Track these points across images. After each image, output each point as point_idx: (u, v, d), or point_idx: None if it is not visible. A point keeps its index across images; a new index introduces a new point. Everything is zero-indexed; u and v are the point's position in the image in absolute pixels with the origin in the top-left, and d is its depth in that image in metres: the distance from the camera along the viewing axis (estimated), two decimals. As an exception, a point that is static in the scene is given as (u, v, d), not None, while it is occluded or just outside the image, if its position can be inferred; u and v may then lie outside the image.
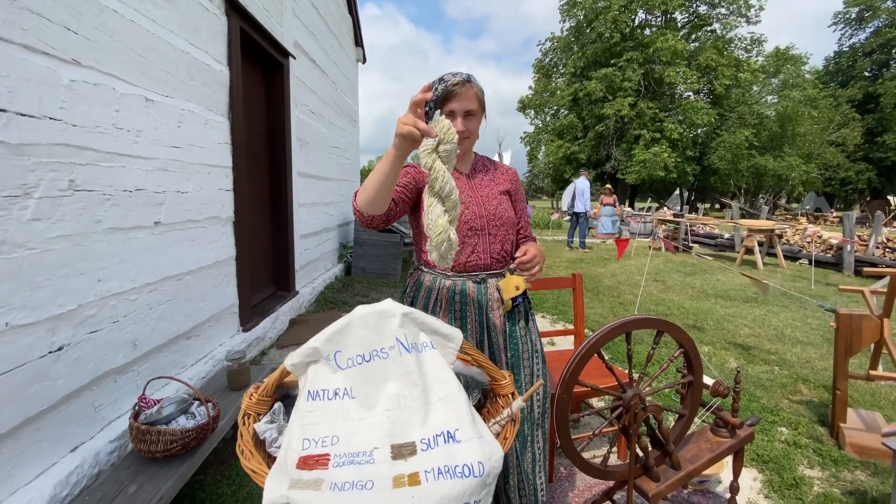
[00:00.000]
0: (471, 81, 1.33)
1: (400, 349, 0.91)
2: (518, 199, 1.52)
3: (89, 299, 1.74)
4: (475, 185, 1.44)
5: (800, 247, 8.62)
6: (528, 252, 1.33)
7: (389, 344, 0.91)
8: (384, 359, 0.90)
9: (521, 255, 1.34)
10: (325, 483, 0.74)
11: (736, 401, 1.62)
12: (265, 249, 3.84)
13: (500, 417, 0.91)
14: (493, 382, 1.02)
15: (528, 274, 1.35)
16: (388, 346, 0.91)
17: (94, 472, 1.67)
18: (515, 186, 1.52)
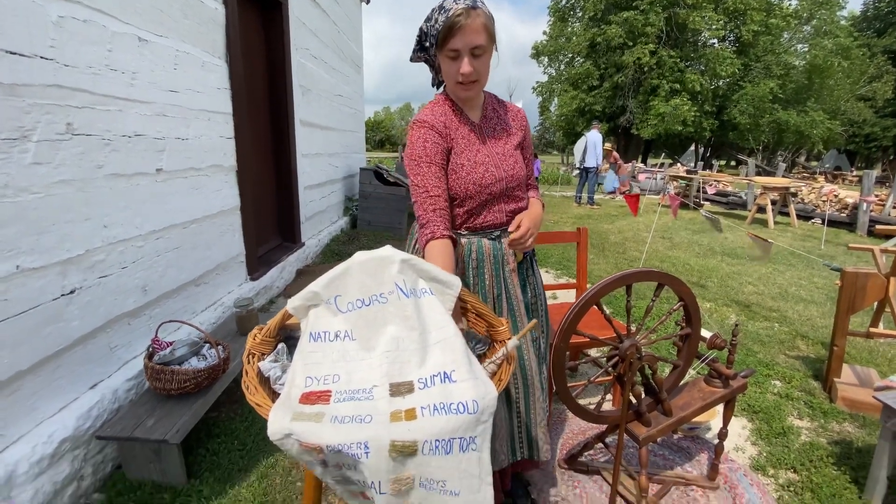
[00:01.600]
0: (477, 8, 1.16)
1: (399, 294, 0.92)
2: (527, 146, 1.47)
3: (97, 245, 1.76)
4: (490, 142, 1.37)
5: (814, 206, 8.44)
6: (522, 225, 1.31)
7: (388, 289, 0.92)
8: (383, 303, 0.92)
9: (514, 228, 1.32)
10: (326, 416, 0.77)
11: (732, 353, 1.65)
12: (270, 200, 3.83)
13: (495, 357, 0.94)
14: (491, 328, 1.04)
15: (522, 248, 1.33)
16: (387, 291, 0.92)
17: (114, 407, 1.77)
18: (525, 132, 1.46)
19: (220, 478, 1.73)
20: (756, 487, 1.77)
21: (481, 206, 1.33)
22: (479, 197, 1.31)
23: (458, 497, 0.77)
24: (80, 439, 1.58)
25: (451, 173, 1.31)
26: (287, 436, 0.75)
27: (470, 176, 1.30)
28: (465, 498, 0.77)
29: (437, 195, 1.28)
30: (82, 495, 1.60)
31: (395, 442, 0.73)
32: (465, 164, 1.30)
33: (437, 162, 1.29)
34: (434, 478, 0.76)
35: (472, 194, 1.31)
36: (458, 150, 1.31)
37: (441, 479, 0.76)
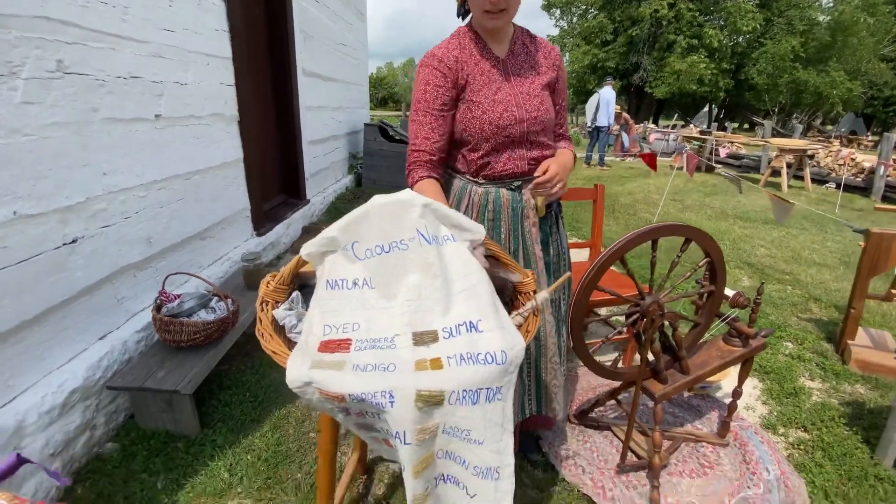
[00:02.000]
0: None
1: (420, 240, 0.85)
2: (559, 90, 1.35)
3: (97, 193, 1.69)
4: (514, 79, 1.25)
5: (829, 169, 8.21)
6: (549, 170, 1.23)
7: (409, 235, 0.86)
8: (404, 250, 0.86)
9: (540, 172, 1.23)
10: (348, 364, 0.73)
11: (755, 312, 1.60)
12: (273, 155, 3.71)
13: (523, 309, 0.89)
14: (517, 280, 0.98)
15: (548, 194, 1.25)
16: (407, 237, 0.86)
17: (125, 358, 1.76)
18: (559, 73, 1.33)
19: (233, 428, 1.74)
20: (766, 445, 1.77)
21: (499, 151, 1.23)
22: (495, 139, 1.21)
23: (481, 446, 0.74)
24: (90, 389, 1.58)
25: (465, 112, 1.21)
26: (307, 384, 0.71)
27: (486, 115, 1.20)
28: (488, 447, 0.74)
29: (422, 149, 1.24)
30: (95, 444, 1.61)
31: (421, 391, 0.69)
32: (481, 102, 1.20)
33: (434, 110, 1.20)
34: (459, 426, 0.73)
35: (489, 136, 1.21)
36: (476, 86, 1.20)
37: (466, 429, 0.73)
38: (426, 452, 0.72)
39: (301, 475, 1.56)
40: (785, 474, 1.64)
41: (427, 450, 0.72)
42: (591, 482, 1.58)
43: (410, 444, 0.70)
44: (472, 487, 0.75)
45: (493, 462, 0.74)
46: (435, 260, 0.84)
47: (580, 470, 1.63)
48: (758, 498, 1.56)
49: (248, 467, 1.58)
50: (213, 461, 1.59)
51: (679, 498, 1.55)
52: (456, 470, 0.76)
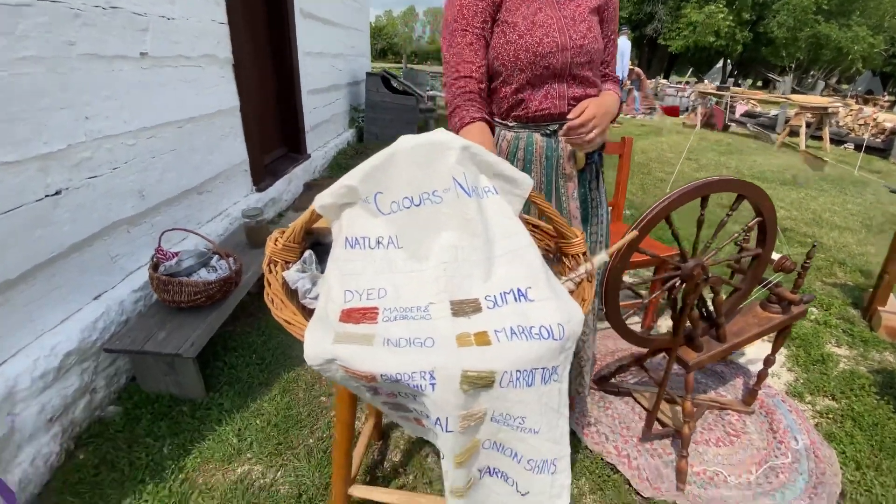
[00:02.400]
0: None
1: (457, 191, 0.71)
2: (609, 18, 1.15)
3: (80, 139, 1.53)
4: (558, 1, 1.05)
5: (848, 129, 7.90)
6: (586, 111, 1.04)
7: (444, 185, 0.71)
8: (437, 203, 0.72)
9: (576, 114, 1.05)
10: (377, 338, 0.61)
11: (801, 277, 1.48)
12: (272, 105, 3.48)
13: (575, 274, 0.76)
14: (562, 240, 0.84)
15: (581, 141, 1.08)
16: (442, 187, 0.72)
17: (122, 319, 1.65)
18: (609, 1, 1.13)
19: (240, 391, 1.67)
20: (795, 413, 1.71)
21: (535, 87, 1.06)
22: (532, 70, 1.03)
23: (537, 435, 0.63)
24: (87, 352, 1.48)
25: (498, 35, 1.03)
26: (329, 361, 0.59)
27: (523, 40, 1.01)
28: (544, 436, 0.64)
29: (468, 75, 1.05)
30: (97, 408, 1.53)
31: (467, 371, 0.58)
32: (517, 24, 1.01)
33: (473, 27, 1.02)
34: (511, 413, 0.62)
35: (524, 65, 1.03)
36: (512, 5, 1.02)
37: (520, 416, 0.62)
38: (471, 441, 0.62)
39: (313, 440, 1.50)
40: (815, 444, 1.58)
41: (472, 438, 0.62)
42: (615, 450, 1.52)
43: (453, 431, 0.59)
44: (523, 483, 0.66)
45: (550, 454, 0.64)
46: (475, 215, 0.71)
47: (603, 438, 1.57)
48: (785, 467, 1.51)
49: (257, 432, 1.51)
50: (221, 426, 1.52)
51: (705, 467, 1.49)
52: (505, 463, 0.66)
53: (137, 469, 1.36)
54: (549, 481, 0.66)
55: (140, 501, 1.28)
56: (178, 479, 1.34)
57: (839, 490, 1.41)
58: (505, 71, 1.04)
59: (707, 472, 1.48)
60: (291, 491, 1.32)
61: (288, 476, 1.37)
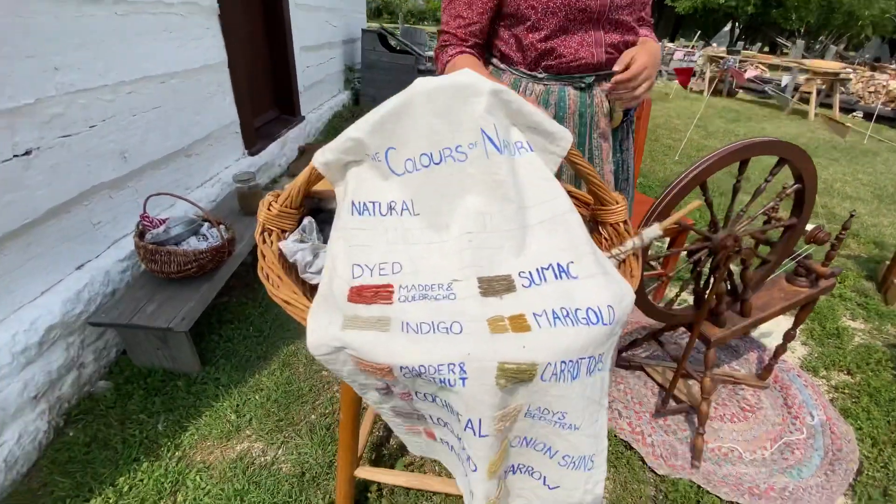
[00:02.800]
0: None
1: (486, 147, 0.60)
2: None
3: (49, 93, 1.38)
4: None
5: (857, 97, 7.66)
6: (635, 62, 0.92)
7: (470, 139, 0.60)
8: (461, 162, 0.60)
9: (622, 66, 0.93)
10: (394, 322, 0.51)
11: (835, 249, 1.39)
12: (263, 62, 3.26)
13: (622, 248, 0.66)
14: (600, 207, 0.74)
15: (630, 97, 0.96)
16: (467, 141, 0.60)
17: (108, 290, 1.55)
18: None
19: (237, 365, 1.60)
20: (810, 389, 1.66)
21: (569, 33, 0.92)
22: (566, 13, 0.90)
23: (577, 431, 0.55)
24: (71, 325, 1.39)
25: None
26: (338, 350, 0.49)
27: None
28: (585, 431, 0.55)
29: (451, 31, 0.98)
30: (86, 383, 1.46)
31: (505, 364, 0.48)
32: None
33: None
34: (551, 408, 0.53)
35: (557, 7, 0.89)
36: None
37: (560, 411, 0.53)
38: (503, 444, 0.53)
39: (315, 417, 1.43)
40: (830, 420, 1.54)
41: (504, 439, 0.53)
42: (629, 427, 1.47)
43: (488, 435, 0.50)
44: (553, 477, 0.58)
45: (589, 449, 0.56)
46: (507, 176, 0.59)
47: (616, 414, 1.52)
48: (801, 443, 1.47)
49: (256, 408, 1.44)
50: (218, 401, 1.45)
51: (720, 444, 1.45)
52: (534, 458, 0.58)
53: (131, 447, 1.30)
54: (585, 477, 0.59)
55: (135, 480, 1.22)
56: (175, 457, 1.28)
57: (856, 467, 1.38)
58: (534, 15, 0.91)
59: (722, 448, 1.43)
60: (294, 469, 1.27)
61: (290, 454, 1.31)
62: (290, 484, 1.23)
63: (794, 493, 1.29)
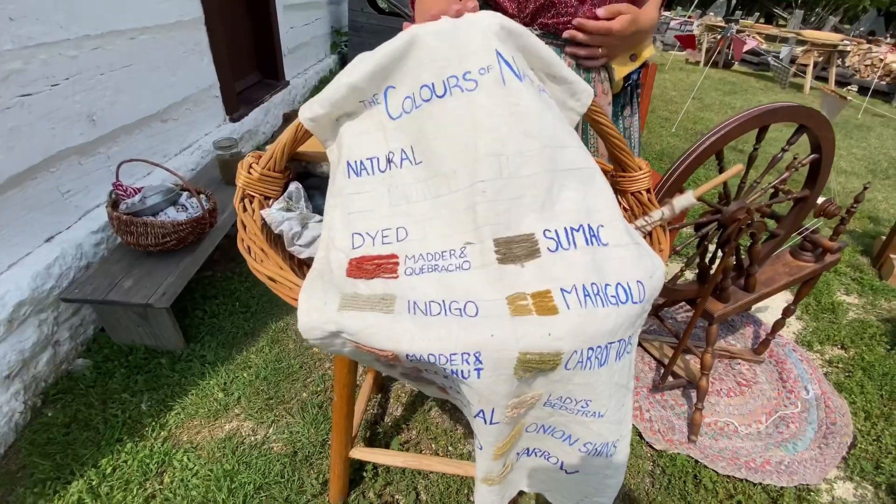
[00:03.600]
0: None
1: (502, 71, 0.49)
2: None
3: (5, 46, 1.24)
4: None
5: (853, 70, 7.58)
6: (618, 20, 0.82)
7: (481, 63, 0.49)
8: (470, 91, 0.49)
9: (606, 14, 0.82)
10: (399, 301, 0.44)
11: (844, 223, 1.35)
12: (243, 22, 3.05)
13: (649, 219, 0.59)
14: (622, 174, 0.67)
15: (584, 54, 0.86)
16: (478, 66, 0.49)
17: (81, 264, 1.46)
18: None
19: (223, 342, 1.53)
20: (805, 363, 1.66)
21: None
22: None
23: (601, 419, 0.49)
24: (43, 301, 1.30)
25: None
26: (334, 335, 0.43)
27: None
28: (609, 418, 0.50)
29: None
30: (63, 361, 1.38)
31: (527, 355, 0.42)
32: None
33: None
34: (573, 397, 0.47)
35: None
36: None
37: (584, 399, 0.48)
38: (515, 428, 0.48)
39: (307, 394, 1.39)
40: (825, 394, 1.54)
41: (516, 424, 0.48)
42: (626, 403, 1.45)
43: (499, 423, 0.45)
44: (572, 463, 0.53)
45: (613, 435, 0.51)
46: (531, 107, 0.49)
47: (613, 389, 1.50)
48: (795, 417, 1.47)
49: (245, 386, 1.39)
50: (204, 379, 1.39)
51: (716, 417, 1.45)
52: (552, 445, 0.53)
53: (113, 427, 1.24)
54: (605, 463, 0.54)
55: (118, 461, 1.17)
56: (160, 438, 1.23)
57: (850, 440, 1.39)
58: None
59: (718, 422, 1.43)
60: (285, 449, 1.23)
61: (281, 433, 1.27)
62: (282, 463, 1.18)
63: (789, 467, 1.30)
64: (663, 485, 1.23)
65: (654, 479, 1.24)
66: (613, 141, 0.61)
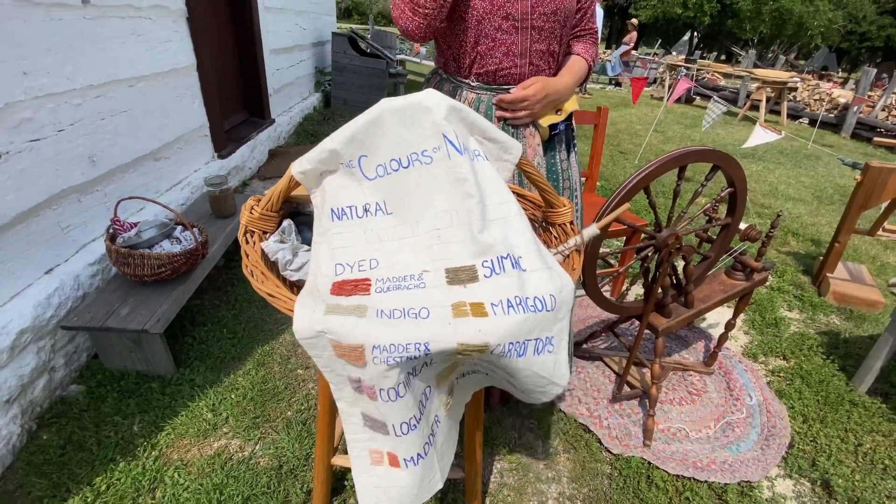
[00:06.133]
0: None
1: (448, 150, 0.67)
2: None
3: (18, 97, 1.38)
4: None
5: (804, 104, 8.21)
6: (529, 88, 1.03)
7: (434, 144, 0.68)
8: (427, 164, 0.68)
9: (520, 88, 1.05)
10: (370, 310, 0.59)
11: (765, 246, 1.55)
12: (232, 64, 3.25)
13: (565, 246, 0.76)
14: (549, 210, 0.84)
15: (510, 116, 1.08)
16: (431, 146, 0.68)
17: (78, 294, 1.55)
18: None
19: (211, 366, 1.62)
20: (750, 373, 1.83)
21: (494, 41, 1.01)
22: (491, 20, 0.98)
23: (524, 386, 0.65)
24: (42, 329, 1.39)
25: None
26: (319, 334, 0.57)
27: None
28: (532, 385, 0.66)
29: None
30: (57, 387, 1.46)
31: (463, 344, 0.57)
32: None
33: None
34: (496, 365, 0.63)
35: (483, 14, 0.98)
36: None
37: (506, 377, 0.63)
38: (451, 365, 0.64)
39: (291, 413, 1.48)
40: (767, 400, 1.70)
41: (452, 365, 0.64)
42: (587, 412, 1.59)
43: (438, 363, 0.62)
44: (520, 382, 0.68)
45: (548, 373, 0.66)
46: (468, 174, 0.67)
47: (576, 400, 1.63)
48: (741, 422, 1.62)
49: (232, 406, 1.48)
50: (194, 401, 1.48)
51: (669, 424, 1.59)
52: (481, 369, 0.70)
53: (106, 448, 1.31)
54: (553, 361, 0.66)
55: (112, 479, 1.24)
56: (152, 456, 1.31)
57: (788, 441, 1.54)
58: (466, 20, 1.00)
59: (671, 428, 1.57)
60: (271, 463, 1.32)
61: (267, 448, 1.36)
62: (268, 476, 1.27)
63: (732, 466, 1.44)
64: (619, 485, 1.35)
65: (611, 481, 1.37)
66: (541, 185, 0.78)
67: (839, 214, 3.45)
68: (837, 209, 3.74)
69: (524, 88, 1.04)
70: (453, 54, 1.08)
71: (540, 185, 0.77)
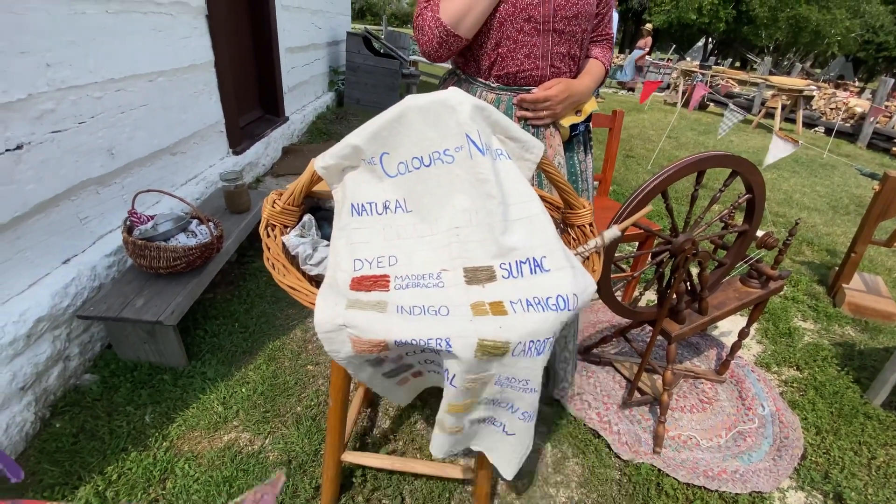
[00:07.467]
0: None
1: (470, 149, 0.67)
2: None
3: (41, 89, 1.40)
4: None
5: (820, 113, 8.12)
6: (552, 88, 1.04)
7: (456, 144, 0.68)
8: (448, 164, 0.68)
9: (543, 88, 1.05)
10: (390, 306, 0.59)
11: (782, 253, 1.53)
12: (248, 62, 3.28)
13: (585, 248, 0.75)
14: (569, 211, 0.83)
15: (531, 116, 1.08)
16: (454, 146, 0.68)
17: (94, 284, 1.57)
18: None
19: (223, 360, 1.64)
20: (762, 383, 1.81)
21: (515, 43, 1.02)
22: (512, 24, 0.99)
23: (535, 393, 0.65)
24: (59, 318, 1.41)
25: None
26: (340, 327, 0.57)
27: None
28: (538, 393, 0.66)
29: None
30: (71, 376, 1.47)
31: (484, 341, 0.57)
32: None
33: None
34: (517, 377, 0.62)
35: (505, 17, 0.99)
36: None
37: (525, 379, 0.63)
38: (470, 399, 0.63)
39: (301, 408, 1.49)
40: (779, 410, 1.68)
41: (472, 397, 0.63)
42: (597, 417, 1.57)
43: (457, 388, 0.60)
44: (511, 427, 0.69)
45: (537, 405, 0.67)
46: (490, 175, 0.67)
47: (586, 405, 1.62)
48: (752, 432, 1.60)
49: (243, 400, 1.49)
50: (205, 394, 1.49)
51: (680, 432, 1.57)
52: (501, 414, 0.68)
53: (118, 437, 1.33)
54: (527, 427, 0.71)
55: (123, 469, 1.25)
56: (163, 447, 1.32)
57: (800, 452, 1.52)
58: (485, 24, 1.00)
59: (682, 436, 1.55)
60: (281, 457, 1.32)
61: (276, 443, 1.36)
62: (278, 470, 1.28)
63: (744, 476, 1.42)
64: (628, 491, 1.34)
65: (620, 487, 1.35)
66: (561, 186, 0.77)
67: (855, 224, 3.41)
68: (853, 219, 3.69)
69: (547, 89, 1.04)
70: (473, 55, 1.08)
71: (560, 185, 0.77)
